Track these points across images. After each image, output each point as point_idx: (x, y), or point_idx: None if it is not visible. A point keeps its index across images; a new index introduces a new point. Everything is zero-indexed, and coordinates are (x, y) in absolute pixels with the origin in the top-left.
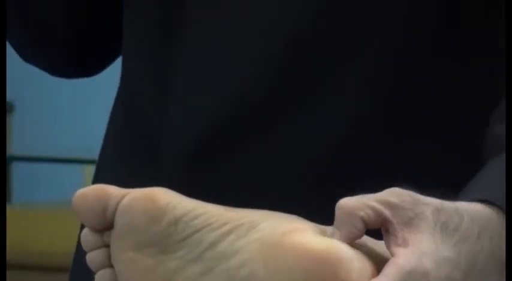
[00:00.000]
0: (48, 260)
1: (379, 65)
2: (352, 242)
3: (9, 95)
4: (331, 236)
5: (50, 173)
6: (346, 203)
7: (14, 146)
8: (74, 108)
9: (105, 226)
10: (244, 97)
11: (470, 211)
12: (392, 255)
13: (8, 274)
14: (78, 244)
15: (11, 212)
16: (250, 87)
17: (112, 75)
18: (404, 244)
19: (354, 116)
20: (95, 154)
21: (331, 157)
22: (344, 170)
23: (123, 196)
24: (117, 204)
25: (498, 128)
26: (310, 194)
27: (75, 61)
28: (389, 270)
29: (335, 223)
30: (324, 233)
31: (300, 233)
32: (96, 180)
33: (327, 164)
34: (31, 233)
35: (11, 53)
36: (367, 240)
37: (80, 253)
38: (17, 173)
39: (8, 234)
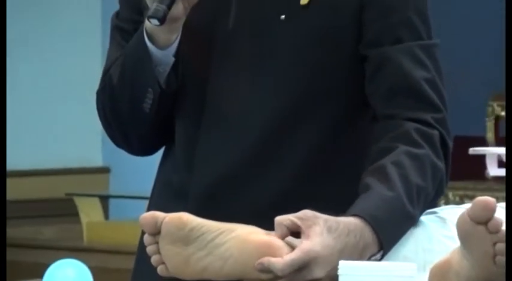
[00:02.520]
0: (128, 248)
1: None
2: (283, 239)
3: (107, 160)
4: (271, 235)
5: (129, 205)
6: (279, 218)
7: (111, 190)
8: (148, 177)
9: (156, 232)
10: (237, 168)
11: (345, 220)
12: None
13: (108, 256)
14: (141, 241)
15: (107, 223)
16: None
17: None
18: (307, 238)
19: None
20: None
21: (292, 193)
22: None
23: (165, 217)
24: (162, 221)
25: (366, 179)
26: (275, 215)
27: (148, 148)
28: (297, 250)
29: (275, 227)
30: (269, 234)
31: (257, 234)
32: (150, 207)
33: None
34: (121, 235)
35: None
36: (290, 238)
37: (141, 246)
38: (112, 204)
39: (104, 234)
